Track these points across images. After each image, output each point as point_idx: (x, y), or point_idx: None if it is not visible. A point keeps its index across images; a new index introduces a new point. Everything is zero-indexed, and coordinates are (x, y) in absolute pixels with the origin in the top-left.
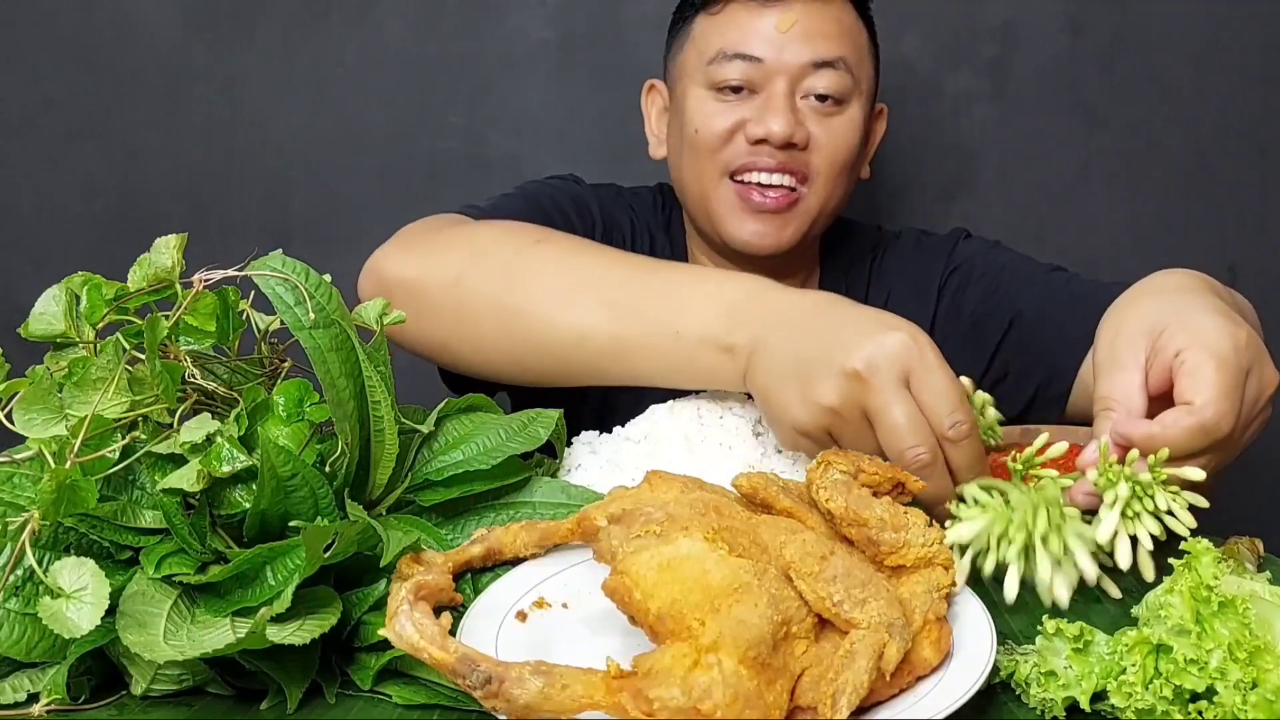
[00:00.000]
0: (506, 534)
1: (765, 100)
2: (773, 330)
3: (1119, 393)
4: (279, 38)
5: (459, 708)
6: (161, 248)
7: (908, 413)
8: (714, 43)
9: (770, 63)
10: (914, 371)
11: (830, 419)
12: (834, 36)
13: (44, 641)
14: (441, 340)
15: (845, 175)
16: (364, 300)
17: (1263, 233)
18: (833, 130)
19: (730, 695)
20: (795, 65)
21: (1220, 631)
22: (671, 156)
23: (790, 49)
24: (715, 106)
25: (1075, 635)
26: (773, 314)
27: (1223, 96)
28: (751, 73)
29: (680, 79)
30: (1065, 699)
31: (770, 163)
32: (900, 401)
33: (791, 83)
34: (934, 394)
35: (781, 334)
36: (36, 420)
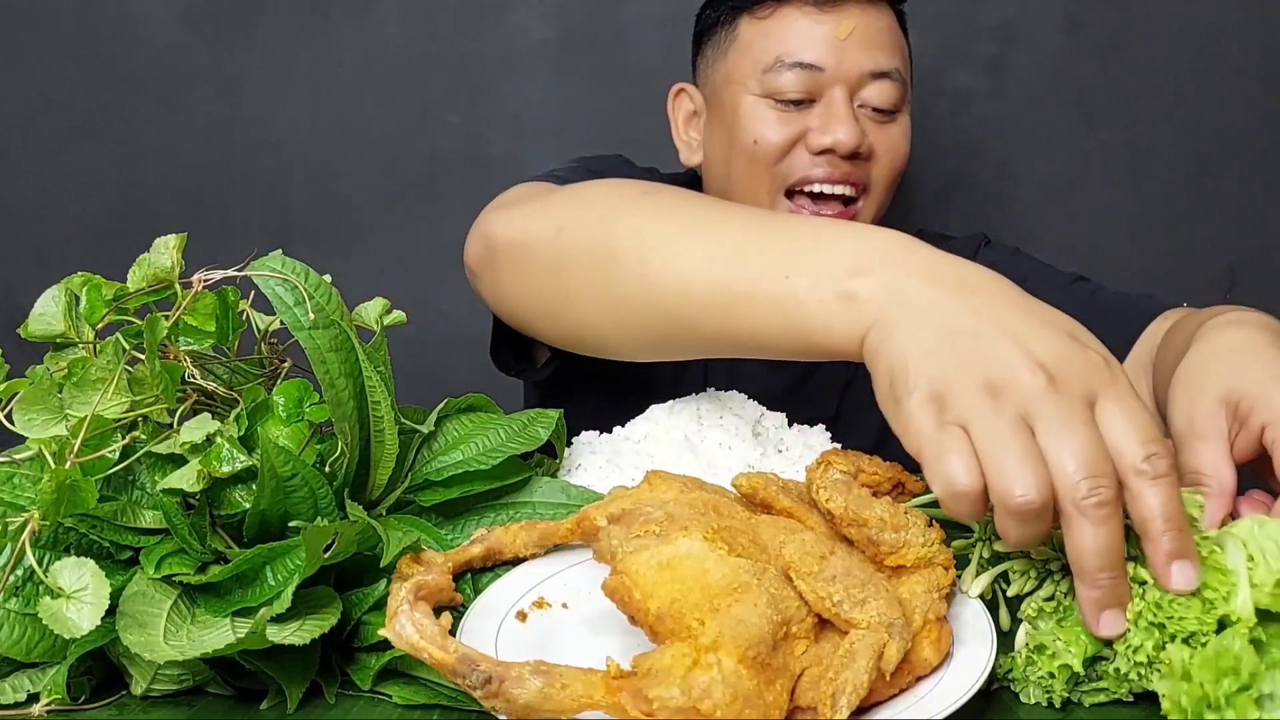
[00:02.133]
0: (506, 534)
1: (826, 109)
2: (919, 287)
3: (1208, 467)
4: (279, 37)
5: (459, 708)
6: (161, 248)
7: (1093, 435)
8: (769, 49)
9: (830, 71)
10: (1105, 394)
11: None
12: (888, 47)
13: (44, 641)
14: (545, 301)
15: (896, 185)
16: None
17: (1262, 231)
18: (891, 139)
19: (730, 695)
20: (854, 75)
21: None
22: (715, 165)
23: (849, 58)
24: (773, 115)
25: (1055, 608)
26: (922, 268)
27: (1222, 94)
28: (809, 82)
29: (727, 84)
30: (1062, 669)
31: (834, 173)
32: (1086, 421)
33: (849, 91)
34: (1128, 421)
35: (931, 295)
36: (36, 420)
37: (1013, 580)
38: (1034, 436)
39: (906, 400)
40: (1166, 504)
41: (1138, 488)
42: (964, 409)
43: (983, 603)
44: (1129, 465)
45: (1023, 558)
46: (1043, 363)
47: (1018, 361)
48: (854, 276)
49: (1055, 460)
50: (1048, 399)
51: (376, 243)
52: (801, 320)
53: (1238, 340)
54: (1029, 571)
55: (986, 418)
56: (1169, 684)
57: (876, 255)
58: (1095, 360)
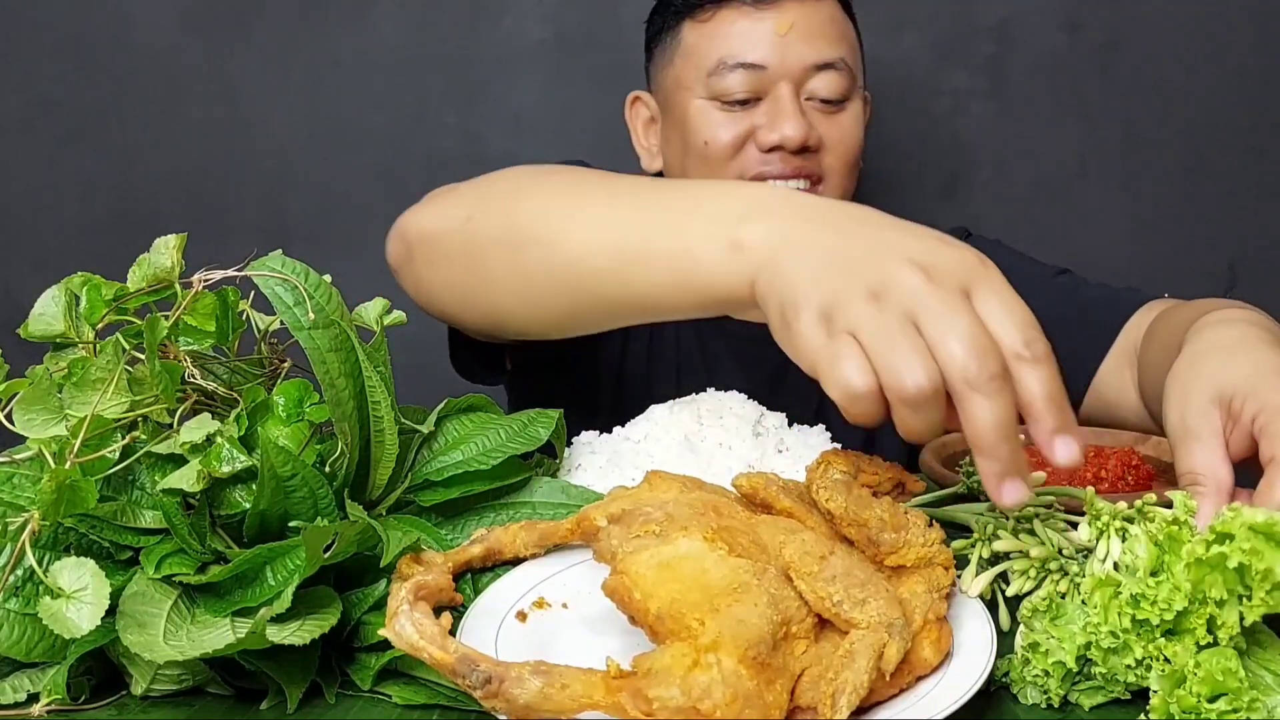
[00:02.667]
0: (506, 534)
1: (772, 106)
2: (800, 226)
3: (1204, 466)
4: (276, 38)
5: (459, 708)
6: (161, 248)
7: (973, 319)
8: (711, 52)
9: (773, 69)
10: (980, 286)
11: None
12: (831, 37)
13: (44, 641)
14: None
15: (853, 171)
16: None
17: (1261, 230)
18: (841, 128)
19: (730, 695)
20: (798, 69)
21: (1174, 568)
22: (673, 170)
23: (792, 52)
24: (721, 117)
25: (1048, 606)
26: (801, 210)
27: (1220, 94)
28: (754, 81)
29: (676, 90)
30: (1056, 665)
31: (785, 169)
32: (965, 309)
33: (795, 85)
34: (1005, 310)
35: (811, 230)
36: (36, 420)
37: (1012, 580)
38: (919, 331)
39: (797, 323)
40: (1047, 384)
41: (1019, 372)
42: (851, 318)
43: (983, 603)
44: (1009, 351)
45: (1022, 557)
46: (918, 262)
47: (894, 266)
48: (741, 225)
49: (942, 347)
50: (926, 293)
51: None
52: (696, 273)
53: (1229, 338)
54: (1028, 571)
55: (872, 321)
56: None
57: (759, 205)
58: (968, 256)
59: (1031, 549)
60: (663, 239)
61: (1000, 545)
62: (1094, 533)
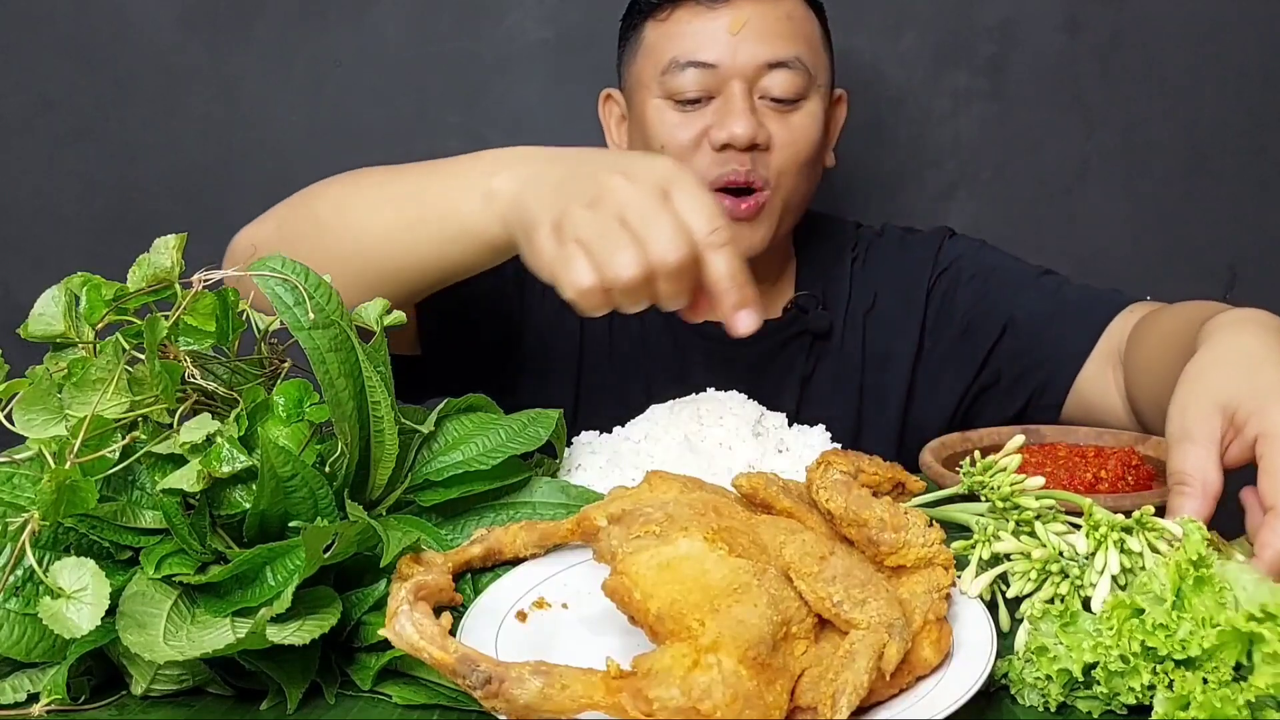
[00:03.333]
0: (506, 534)
1: (723, 105)
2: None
3: (1192, 469)
4: (276, 37)
5: (459, 708)
6: (161, 248)
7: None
8: (666, 51)
9: (724, 68)
10: (675, 186)
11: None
12: (787, 35)
13: (44, 641)
14: None
15: (808, 171)
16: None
17: (1262, 231)
18: (793, 128)
19: (730, 695)
20: (750, 67)
21: (1196, 606)
22: None
23: (743, 51)
24: (676, 117)
25: (1061, 612)
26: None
27: (1221, 94)
28: (707, 80)
29: (636, 89)
30: (1060, 673)
31: (740, 170)
32: (660, 206)
33: (747, 84)
34: (695, 204)
35: (546, 166)
36: (36, 420)
37: (1013, 581)
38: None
39: (535, 239)
40: (729, 265)
41: (707, 255)
42: (574, 225)
43: (983, 603)
44: (699, 238)
45: (1023, 559)
46: (622, 171)
47: (605, 177)
48: (491, 178)
49: (647, 241)
50: (629, 193)
51: None
52: (463, 226)
53: (1245, 346)
54: (1029, 573)
55: (590, 224)
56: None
57: (504, 159)
58: (665, 163)
59: (1032, 551)
60: (432, 204)
61: (1001, 546)
62: (1092, 544)
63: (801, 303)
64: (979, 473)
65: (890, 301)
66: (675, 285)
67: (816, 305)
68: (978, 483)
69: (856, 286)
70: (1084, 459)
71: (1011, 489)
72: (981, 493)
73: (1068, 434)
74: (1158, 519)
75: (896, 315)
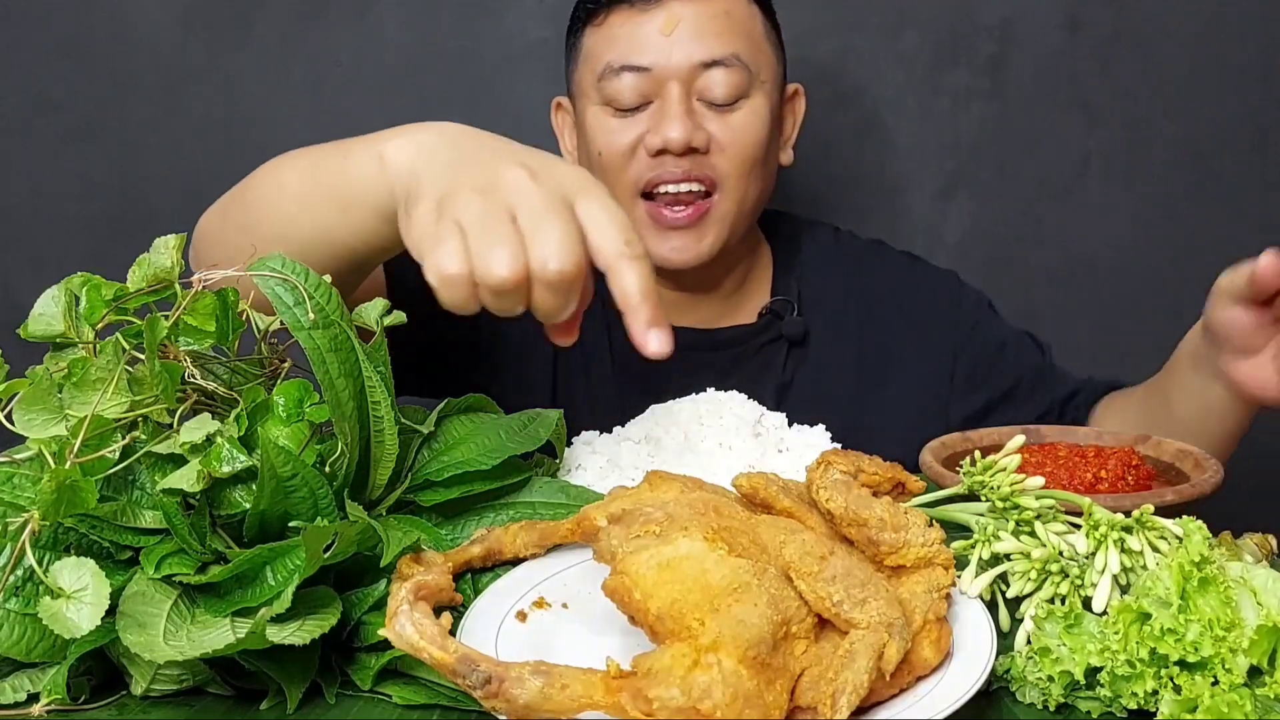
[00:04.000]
0: (506, 534)
1: (659, 109)
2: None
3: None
4: (276, 37)
5: (459, 708)
6: (161, 248)
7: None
8: (602, 56)
9: (659, 70)
10: (583, 195)
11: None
12: (723, 32)
13: (44, 641)
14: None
15: (757, 171)
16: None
17: (1262, 230)
18: (734, 128)
19: (730, 695)
20: (685, 68)
21: (1202, 607)
22: None
23: (678, 51)
24: (613, 124)
25: (1065, 614)
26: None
27: (1221, 92)
28: (642, 83)
29: (579, 96)
30: (1062, 674)
31: (675, 172)
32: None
33: (684, 86)
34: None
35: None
36: (36, 420)
37: (1012, 581)
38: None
39: (414, 210)
40: (642, 281)
41: (620, 267)
42: (457, 208)
43: (982, 603)
44: (613, 250)
45: (1023, 559)
46: (527, 165)
47: (506, 167)
48: (386, 143)
49: (531, 242)
50: (528, 190)
51: None
52: (355, 193)
53: None
54: (1029, 573)
55: (474, 210)
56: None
57: (406, 129)
58: (578, 171)
59: (1032, 551)
60: (330, 175)
61: (1001, 546)
62: (1092, 544)
63: (776, 307)
64: (979, 473)
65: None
66: (554, 297)
67: (792, 311)
68: (978, 483)
69: (837, 294)
70: (1084, 459)
71: (1011, 489)
72: (981, 493)
73: (1068, 434)
74: (1158, 518)
75: (902, 340)
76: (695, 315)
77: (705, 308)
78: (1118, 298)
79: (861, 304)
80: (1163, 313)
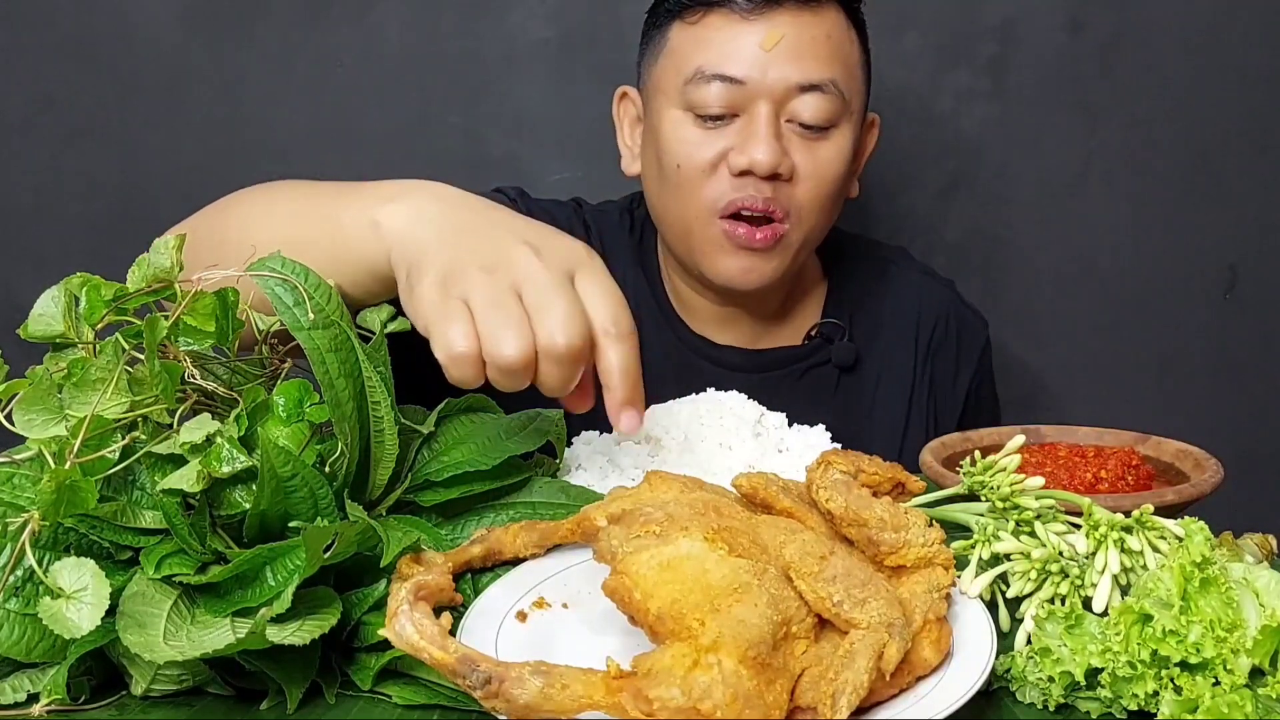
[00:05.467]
0: (506, 534)
1: (746, 126)
2: (436, 205)
3: None
4: (278, 37)
5: (459, 708)
6: (160, 248)
7: (571, 297)
8: (692, 59)
9: (752, 85)
10: (583, 271)
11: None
12: (824, 56)
13: (44, 642)
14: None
15: (832, 205)
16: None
17: (1263, 231)
18: (819, 160)
19: (730, 695)
20: (780, 88)
21: (1204, 608)
22: (648, 181)
23: (775, 69)
24: (695, 134)
25: (1066, 614)
26: (440, 193)
27: (1223, 94)
28: (732, 96)
29: (655, 94)
30: (1062, 675)
31: (756, 199)
32: (562, 288)
33: (775, 106)
34: (601, 293)
35: (444, 208)
36: (36, 420)
37: (1012, 581)
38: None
39: (419, 285)
40: (623, 361)
41: (603, 346)
42: (465, 285)
43: (982, 603)
44: (599, 327)
45: (1023, 559)
46: (531, 244)
47: (511, 245)
48: (383, 206)
49: (539, 322)
50: (534, 269)
51: None
52: (349, 250)
53: None
54: (1029, 573)
55: (483, 289)
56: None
57: (402, 190)
58: (576, 245)
59: (1032, 551)
60: (322, 225)
61: (1001, 546)
62: (1092, 544)
63: (826, 331)
64: (979, 473)
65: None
66: (560, 371)
67: (842, 335)
68: (978, 483)
69: (890, 321)
70: (1084, 459)
71: (1011, 489)
72: (981, 493)
73: (1068, 434)
74: (1158, 518)
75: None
76: (738, 332)
77: (749, 325)
78: (1118, 299)
79: (914, 335)
80: (1163, 314)
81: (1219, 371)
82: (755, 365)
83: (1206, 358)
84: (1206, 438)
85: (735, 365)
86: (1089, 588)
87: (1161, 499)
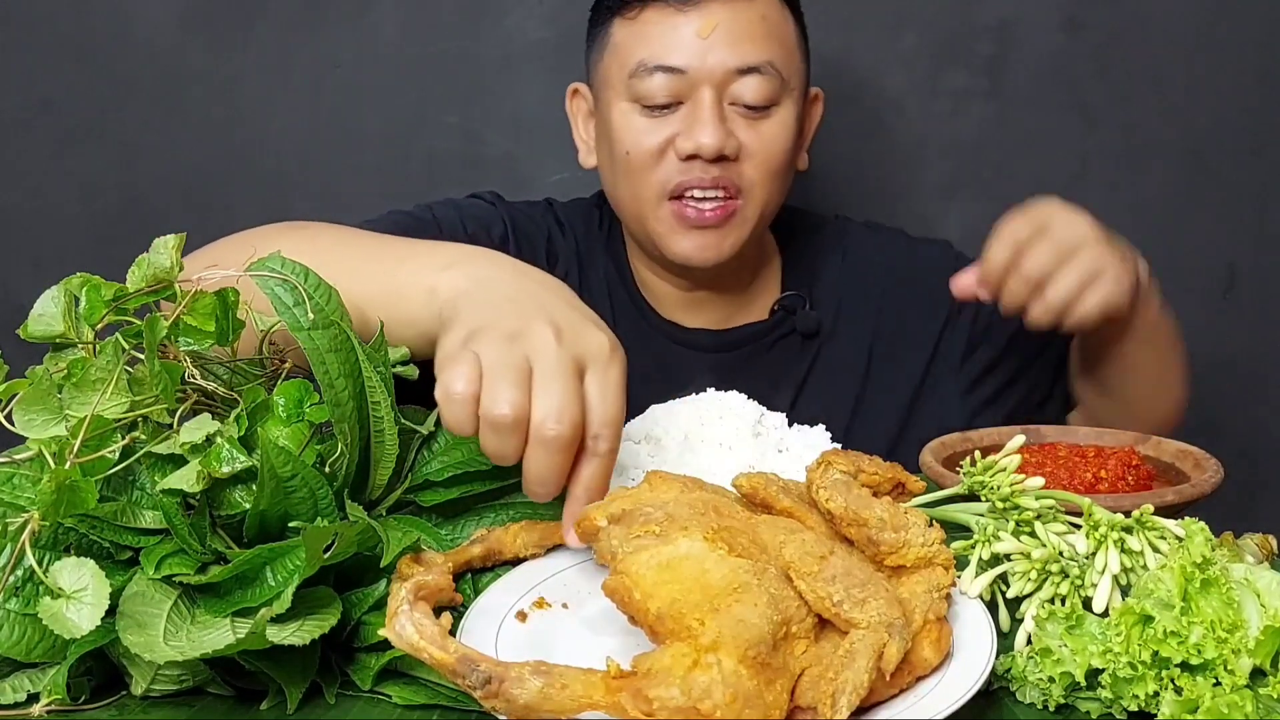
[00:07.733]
0: (506, 534)
1: (691, 112)
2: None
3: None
4: (276, 38)
5: (459, 708)
6: (160, 248)
7: (572, 388)
8: (634, 53)
9: (693, 72)
10: (595, 368)
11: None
12: (759, 38)
13: (44, 642)
14: None
15: (782, 178)
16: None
17: (1261, 230)
18: (764, 137)
19: (730, 695)
20: (720, 73)
21: (1204, 609)
22: (603, 172)
23: (713, 55)
24: (642, 123)
25: (1067, 614)
26: (495, 261)
27: (1219, 94)
28: (675, 85)
29: (603, 88)
30: (1063, 675)
31: (705, 179)
32: (566, 377)
33: (717, 90)
34: (601, 397)
35: (495, 273)
36: (36, 421)
37: (1012, 581)
38: (530, 377)
39: (446, 336)
40: (591, 478)
41: (585, 451)
42: (482, 343)
43: (983, 603)
44: (589, 428)
45: (1023, 559)
46: (556, 323)
47: (537, 319)
48: (440, 273)
49: (536, 398)
50: (549, 349)
51: None
52: (405, 311)
53: None
54: (1029, 573)
55: (497, 351)
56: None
57: (458, 258)
58: (603, 340)
59: (1032, 551)
60: (381, 285)
61: (1001, 547)
62: (1092, 544)
63: (788, 303)
64: (979, 473)
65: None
66: (546, 456)
67: (804, 304)
68: (978, 483)
69: (845, 283)
70: (1084, 459)
71: (1011, 489)
72: (981, 493)
73: (1068, 434)
74: (1158, 518)
75: (905, 320)
76: (707, 315)
77: (717, 307)
78: None
79: (869, 291)
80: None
81: (1218, 371)
82: (724, 345)
83: (1205, 357)
84: (1206, 438)
85: (705, 346)
86: (1089, 588)
87: (1161, 499)
